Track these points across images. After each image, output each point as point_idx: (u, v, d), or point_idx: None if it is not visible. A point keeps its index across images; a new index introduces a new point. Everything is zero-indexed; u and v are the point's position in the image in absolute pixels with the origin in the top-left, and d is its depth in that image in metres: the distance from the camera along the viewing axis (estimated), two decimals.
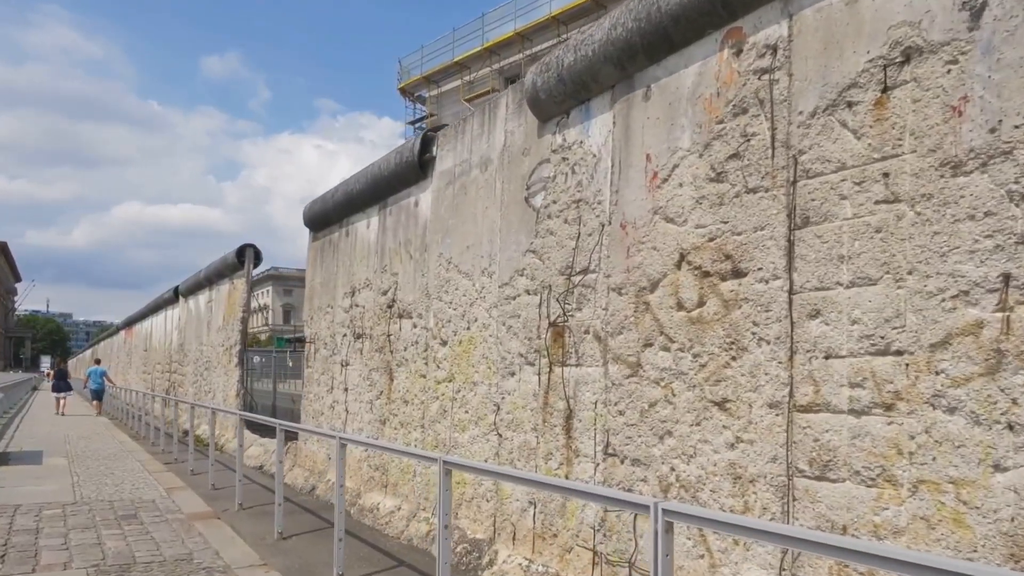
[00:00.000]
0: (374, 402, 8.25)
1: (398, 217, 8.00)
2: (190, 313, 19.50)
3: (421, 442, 7.18)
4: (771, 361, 3.71)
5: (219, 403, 15.42)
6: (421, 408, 7.22)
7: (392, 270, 8.03)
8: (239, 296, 14.67)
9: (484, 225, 6.35)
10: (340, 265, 9.54)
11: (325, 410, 9.69)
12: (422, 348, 7.27)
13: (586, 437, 5.00)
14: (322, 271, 10.18)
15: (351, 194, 8.95)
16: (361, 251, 8.93)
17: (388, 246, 8.18)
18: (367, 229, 8.81)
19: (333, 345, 9.55)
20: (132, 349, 31.38)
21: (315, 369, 10.16)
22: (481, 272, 6.33)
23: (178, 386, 20.44)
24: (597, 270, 4.99)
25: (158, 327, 24.79)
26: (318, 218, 10.15)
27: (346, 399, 9.04)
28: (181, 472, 11.24)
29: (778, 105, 3.77)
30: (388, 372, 7.95)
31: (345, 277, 9.34)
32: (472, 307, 6.45)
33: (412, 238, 7.65)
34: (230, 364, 14.86)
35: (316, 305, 10.31)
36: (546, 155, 5.59)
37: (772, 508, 3.66)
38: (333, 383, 9.49)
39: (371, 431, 8.32)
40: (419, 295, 7.39)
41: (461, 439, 6.50)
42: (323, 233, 10.24)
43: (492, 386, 6.09)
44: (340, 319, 9.38)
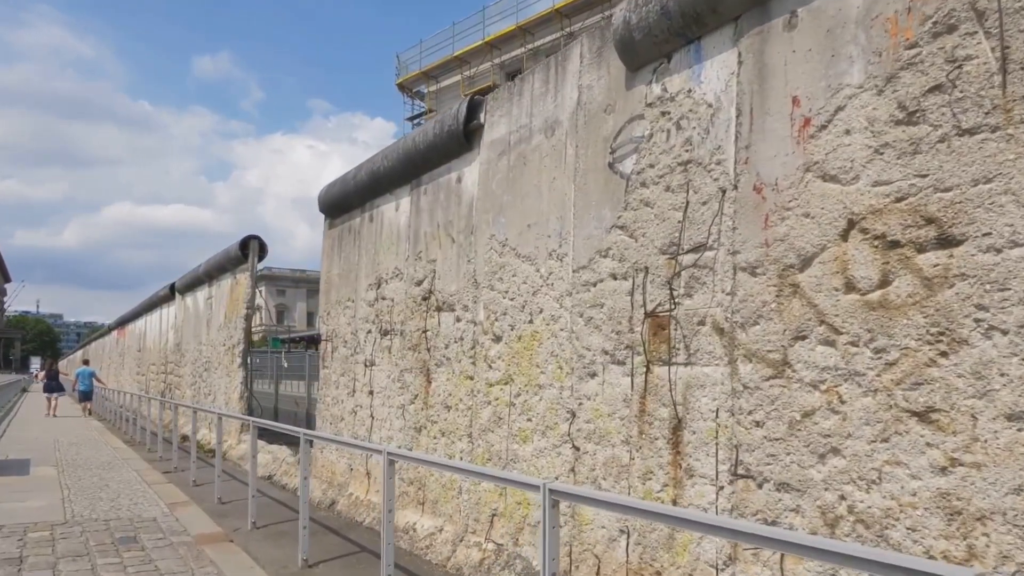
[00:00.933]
0: (407, 407, 7.26)
1: (435, 196, 7.02)
2: (188, 311, 18.45)
3: (469, 454, 6.20)
4: (1010, 357, 2.75)
5: (220, 406, 14.39)
6: (468, 415, 6.24)
7: (428, 257, 7.05)
8: (242, 291, 13.65)
9: (551, 199, 5.37)
10: (363, 254, 8.55)
11: (345, 415, 8.69)
12: (468, 345, 6.29)
13: (702, 453, 4.04)
14: (340, 262, 9.19)
15: (377, 173, 7.96)
16: (389, 237, 7.95)
17: (423, 230, 7.20)
18: (396, 212, 7.83)
19: (355, 343, 8.55)
20: (125, 350, 30.26)
21: (333, 370, 9.17)
22: (548, 255, 5.36)
23: (175, 388, 19.38)
24: (716, 246, 4.03)
25: (153, 326, 23.71)
26: (336, 203, 9.16)
27: (371, 403, 8.05)
28: (182, 483, 10.23)
29: (1011, 15, 2.82)
30: (424, 373, 6.97)
31: (369, 267, 8.35)
32: (536, 296, 5.48)
33: (454, 219, 6.67)
34: (232, 365, 13.84)
35: (334, 299, 9.31)
36: (638, 110, 4.62)
37: (1018, 556, 2.70)
38: (355, 385, 8.49)
39: (403, 440, 7.33)
40: (464, 284, 6.41)
41: (522, 452, 5.52)
42: (342, 219, 9.24)
43: (565, 389, 5.12)
44: (363, 314, 8.39)
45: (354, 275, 8.75)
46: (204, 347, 16.24)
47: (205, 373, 16.01)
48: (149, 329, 24.43)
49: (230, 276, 14.53)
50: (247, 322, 13.52)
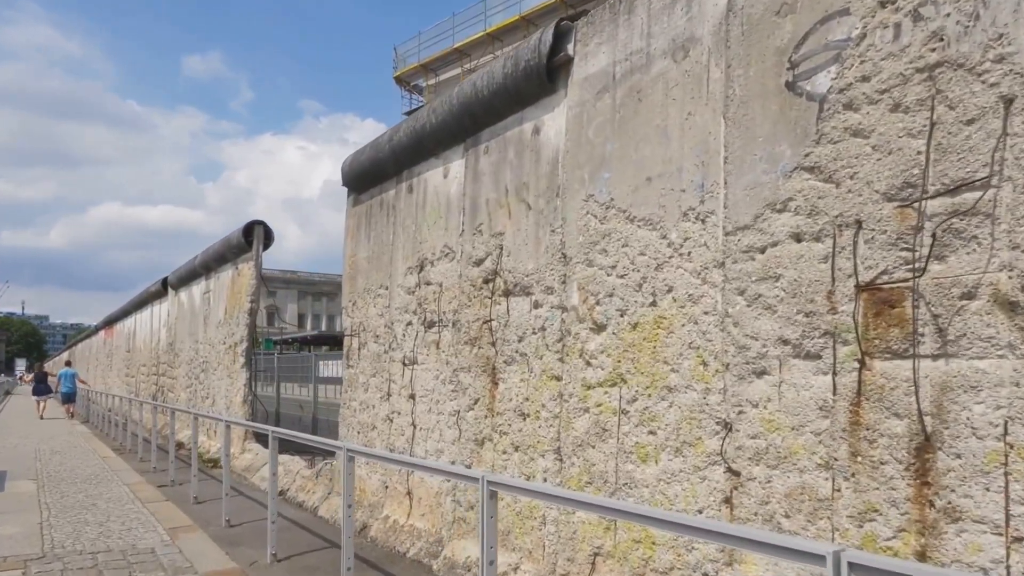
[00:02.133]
0: (463, 414, 5.94)
1: (502, 155, 5.71)
2: (182, 307, 17.04)
3: (557, 475, 4.89)
4: None
5: (220, 411, 13.02)
6: (554, 425, 4.93)
7: (492, 230, 5.74)
8: (246, 283, 12.28)
9: (685, 142, 4.07)
10: (400, 232, 7.22)
11: (378, 423, 7.35)
12: (554, 337, 4.98)
13: (977, 487, 2.75)
14: (369, 243, 7.85)
15: (420, 133, 6.64)
16: (435, 210, 6.63)
17: (484, 198, 5.88)
18: (444, 179, 6.51)
19: (389, 338, 7.22)
20: (113, 350, 28.75)
21: (361, 370, 7.83)
22: (681, 215, 4.06)
23: (168, 391, 17.96)
24: (998, 183, 2.74)
25: (143, 324, 22.26)
26: (365, 173, 7.82)
27: (413, 409, 6.72)
28: (182, 500, 8.86)
29: None
30: (488, 372, 5.65)
31: (408, 247, 7.02)
32: (661, 271, 4.17)
33: (530, 181, 5.36)
34: (235, 365, 12.46)
35: (361, 287, 7.97)
36: (838, 4, 3.33)
37: None
38: (391, 388, 7.16)
39: (457, 455, 6.01)
40: (547, 261, 5.10)
41: (641, 474, 4.21)
42: (371, 193, 7.91)
43: (712, 392, 3.82)
44: (401, 303, 7.06)
45: (388, 257, 7.42)
46: (201, 346, 14.85)
47: (202, 374, 14.62)
48: (139, 328, 22.97)
49: (231, 267, 13.15)
50: (251, 317, 12.16)
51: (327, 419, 15.75)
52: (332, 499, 8.02)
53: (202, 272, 14.97)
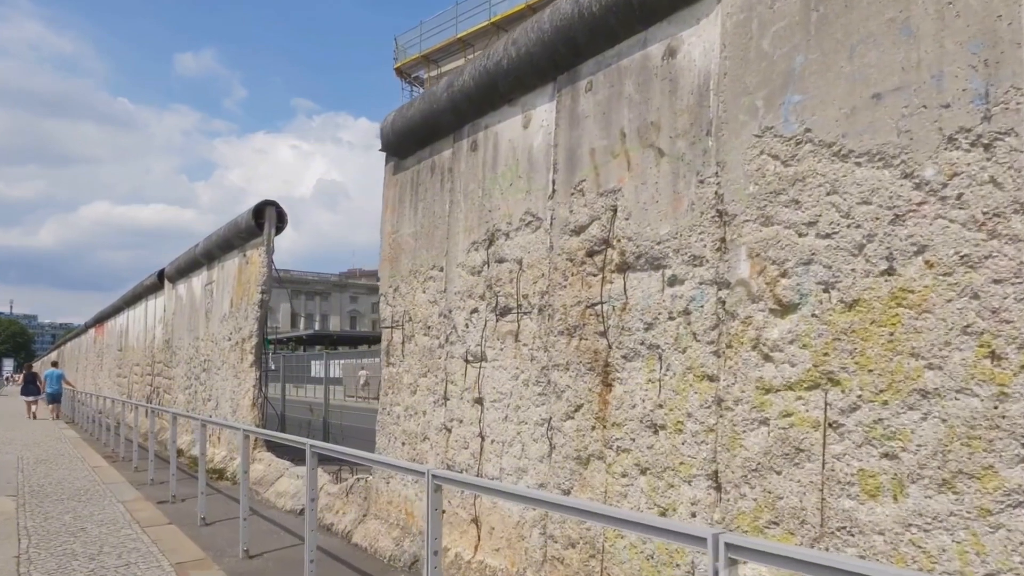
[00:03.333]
0: (558, 425, 4.66)
1: (615, 89, 4.43)
2: (180, 301, 15.69)
3: (712, 507, 3.61)
4: None
5: (225, 415, 11.70)
6: (706, 441, 3.65)
7: (601, 186, 4.46)
8: (256, 271, 10.96)
9: (946, 35, 2.80)
10: (459, 200, 5.93)
11: (431, 433, 6.06)
12: (705, 322, 3.71)
13: None
14: (416, 216, 6.56)
15: (491, 74, 5.35)
16: (510, 169, 5.34)
17: (588, 147, 4.60)
18: (524, 130, 5.22)
19: (446, 329, 5.93)
20: (104, 349, 27.32)
21: (405, 368, 6.53)
22: (944, 142, 2.79)
23: (164, 392, 16.60)
24: None
25: (136, 321, 20.88)
26: (412, 131, 6.52)
27: (481, 417, 5.44)
28: (187, 521, 7.55)
29: None
30: (597, 371, 4.37)
31: (473, 217, 5.73)
32: (902, 224, 2.91)
33: (662, 119, 4.08)
34: (242, 364, 11.13)
35: (405, 269, 6.68)
36: None
37: None
38: (448, 391, 5.87)
39: (547, 476, 4.73)
40: (692, 221, 3.82)
41: (869, 516, 2.94)
42: (417, 157, 6.62)
43: (1014, 400, 2.56)
44: (462, 286, 5.78)
45: (442, 232, 6.13)
46: (202, 343, 13.51)
47: (204, 374, 13.28)
48: (132, 325, 21.59)
49: (238, 254, 11.82)
50: (262, 310, 10.83)
51: (339, 423, 14.45)
52: (369, 523, 6.72)
53: (204, 262, 13.63)
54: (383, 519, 6.61)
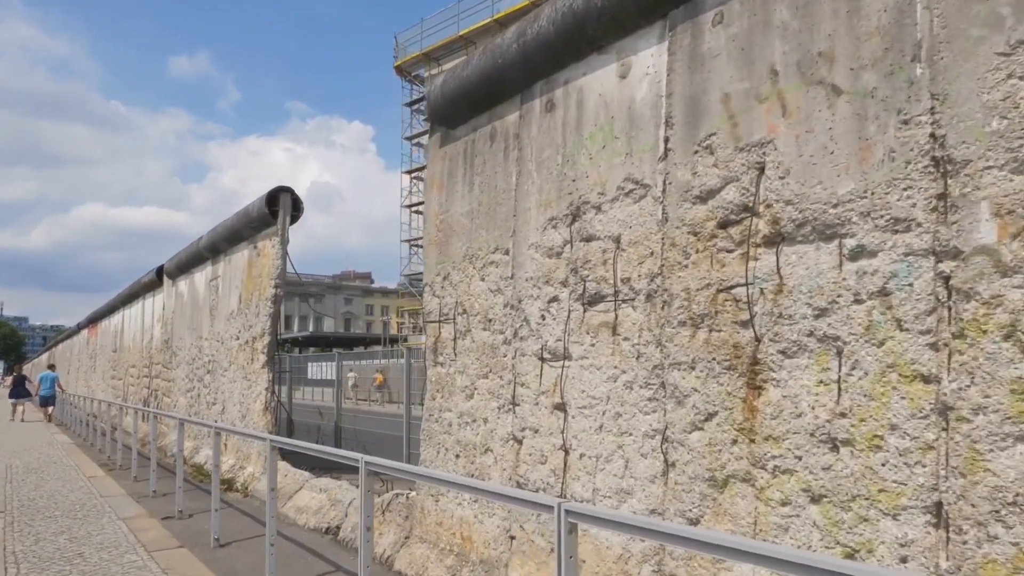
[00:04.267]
0: (679, 438, 3.75)
1: (759, 18, 3.51)
2: (181, 299, 14.72)
3: (933, 550, 2.71)
4: None
5: (232, 420, 10.76)
6: (923, 464, 2.75)
7: (740, 140, 3.55)
8: (268, 263, 10.02)
9: None
10: (531, 170, 5.02)
11: (495, 445, 5.14)
12: (918, 306, 2.81)
13: None
14: (472, 192, 5.65)
15: (578, 16, 4.44)
16: (601, 129, 4.44)
17: (718, 93, 3.70)
18: (622, 81, 4.32)
19: (515, 322, 5.02)
20: (97, 350, 26.28)
21: (458, 368, 5.62)
22: None
23: (163, 395, 15.62)
24: None
25: (133, 321, 19.88)
26: (468, 93, 5.61)
27: (564, 426, 4.52)
28: (198, 542, 6.61)
29: None
30: (742, 371, 3.46)
31: (550, 189, 4.82)
32: None
33: (835, 49, 3.17)
34: (253, 364, 10.19)
35: (457, 254, 5.76)
36: None
37: None
38: (517, 394, 4.95)
39: (662, 499, 3.82)
40: (889, 174, 2.92)
41: None
42: (473, 124, 5.71)
43: None
44: (536, 270, 4.87)
45: (507, 209, 5.22)
46: (206, 342, 12.55)
47: (208, 376, 12.32)
48: (128, 325, 20.59)
49: (248, 246, 10.88)
50: (275, 305, 9.89)
51: (352, 428, 13.50)
52: (415, 547, 5.79)
53: (208, 256, 12.68)
54: (431, 543, 5.69)
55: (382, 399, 30.51)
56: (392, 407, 29.82)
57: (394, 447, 11.47)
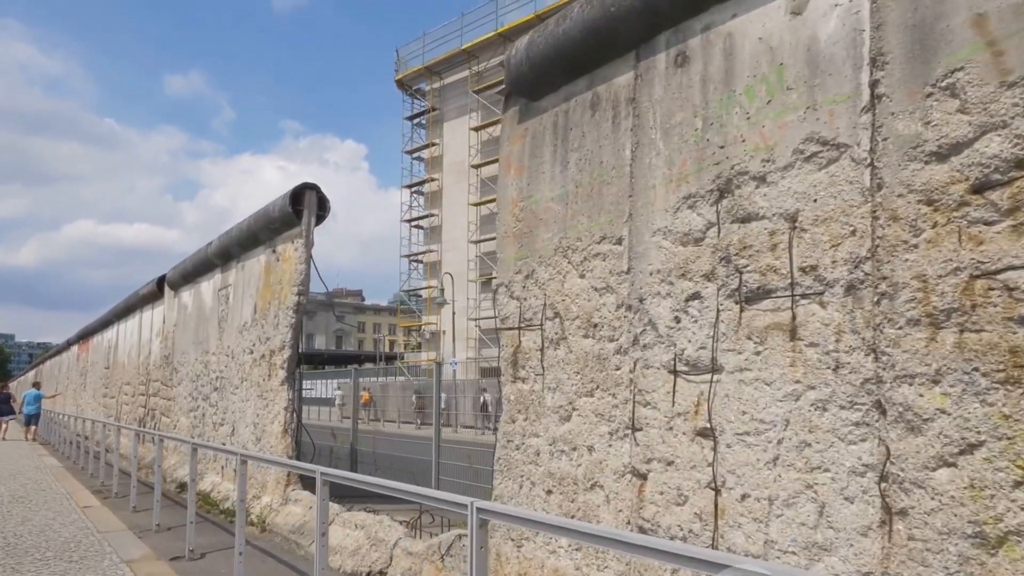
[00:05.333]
0: (915, 476, 2.77)
1: None
2: (185, 310, 13.67)
3: None
4: None
5: (245, 443, 9.70)
6: None
7: (1008, 74, 2.63)
8: (290, 269, 9.02)
9: None
10: (651, 141, 4.08)
11: (605, 480, 4.14)
12: None
13: None
14: (565, 173, 4.70)
15: None
16: (763, 81, 3.50)
17: (965, 14, 2.77)
18: (794, 19, 3.39)
19: (630, 326, 4.05)
20: (88, 367, 25.07)
21: (545, 384, 4.63)
22: None
23: (162, 415, 14.50)
24: None
25: (128, 335, 18.77)
26: (563, 54, 4.66)
27: (715, 458, 3.54)
28: None
29: None
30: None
31: (683, 162, 3.88)
32: None
33: None
34: (270, 381, 9.16)
35: (545, 247, 4.80)
36: None
37: None
38: (636, 416, 3.97)
39: (881, 558, 2.84)
40: None
41: None
42: (565, 93, 4.78)
43: None
44: (664, 262, 3.91)
45: (618, 189, 4.27)
46: (213, 357, 11.50)
47: (215, 394, 11.26)
48: (123, 339, 19.46)
49: (265, 251, 9.88)
50: (297, 314, 8.88)
51: (370, 451, 12.45)
52: None
53: (217, 263, 11.66)
54: None
55: (367, 417, 29.43)
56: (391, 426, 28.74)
57: (418, 472, 10.44)
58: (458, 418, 27.00)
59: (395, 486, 4.11)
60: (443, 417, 24.62)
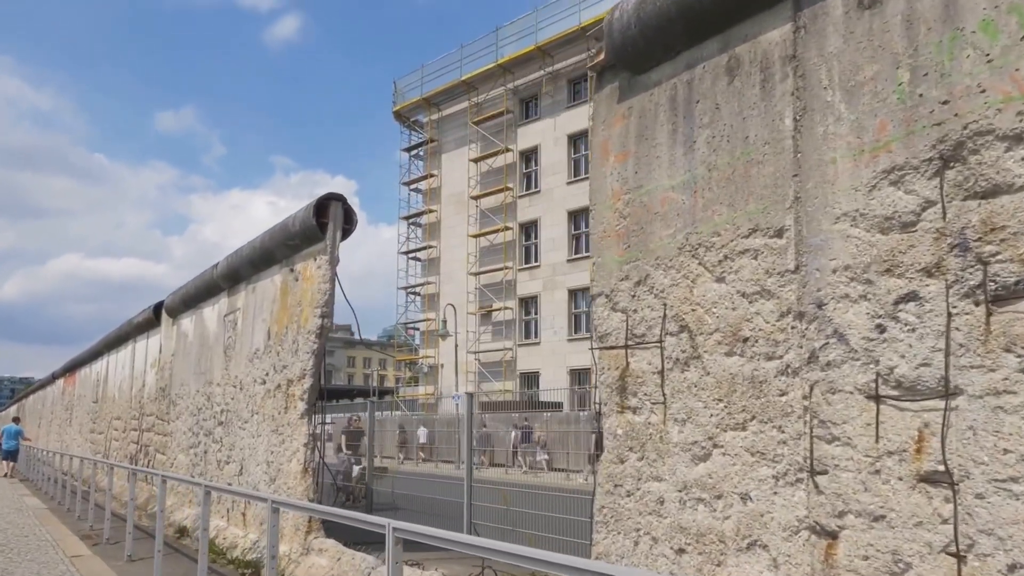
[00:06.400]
0: None
1: None
2: (184, 339, 12.65)
3: None
4: None
5: (256, 484, 8.68)
6: None
7: None
8: (312, 288, 8.08)
9: None
10: (828, 105, 3.22)
11: (770, 539, 3.20)
12: None
13: None
14: (691, 155, 3.83)
15: None
16: (1011, 12, 2.69)
17: None
18: None
19: (807, 337, 3.16)
20: (74, 401, 23.82)
21: (668, 414, 3.71)
22: None
23: (156, 451, 13.40)
24: None
25: (120, 367, 17.67)
26: (687, 12, 3.84)
27: (955, 513, 2.63)
28: None
29: None
30: None
31: (880, 127, 3.01)
32: None
33: None
34: (287, 414, 8.16)
35: (660, 247, 3.91)
36: None
37: None
38: (813, 455, 3.05)
39: None
40: None
41: None
42: (685, 60, 3.94)
43: None
44: (853, 257, 3.02)
45: (772, 170, 3.41)
46: (218, 388, 10.48)
47: (219, 429, 10.22)
48: (113, 371, 18.35)
49: (281, 270, 8.95)
50: (320, 340, 7.93)
51: (389, 491, 11.37)
52: None
53: (224, 285, 10.69)
54: None
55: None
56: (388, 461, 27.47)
57: (445, 515, 9.38)
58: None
59: (500, 547, 3.16)
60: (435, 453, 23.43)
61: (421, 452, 24.69)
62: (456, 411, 29.88)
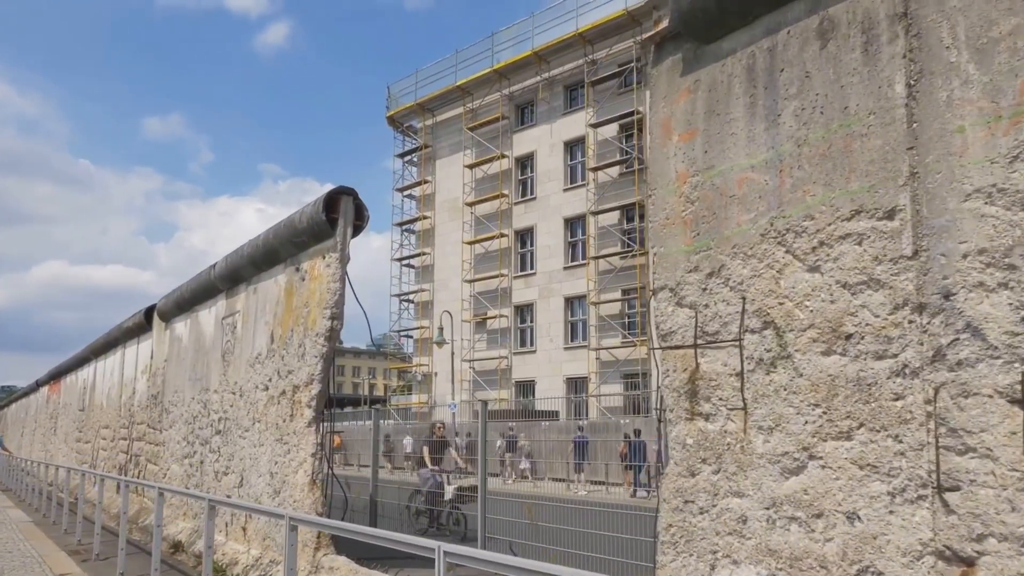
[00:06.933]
0: None
1: None
2: (178, 343, 12.11)
3: None
4: None
5: (258, 496, 8.18)
6: None
7: None
8: (321, 288, 7.61)
9: None
10: (951, 67, 2.81)
11: (883, 563, 2.78)
12: None
13: None
14: (772, 131, 3.42)
15: None
16: None
17: None
18: None
19: (930, 333, 2.74)
20: (59, 409, 23.12)
21: (749, 421, 3.28)
22: None
23: (147, 462, 12.82)
24: None
25: (108, 373, 17.06)
26: None
27: None
28: None
29: None
30: None
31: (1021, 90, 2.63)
32: None
33: None
34: (293, 422, 7.67)
35: (738, 232, 3.49)
36: None
37: None
38: (939, 468, 2.63)
39: None
40: None
41: None
42: (765, 26, 3.54)
43: None
44: (990, 240, 2.61)
45: (880, 143, 2.99)
46: (215, 395, 9.96)
47: (217, 438, 9.70)
48: (101, 378, 17.73)
49: (286, 268, 8.46)
50: (330, 342, 7.45)
51: (396, 503, 10.87)
52: None
53: (223, 287, 10.19)
54: None
55: (341, 461, 27.75)
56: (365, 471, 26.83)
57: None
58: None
59: (551, 571, 2.71)
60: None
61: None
62: (452, 421, 29.36)
